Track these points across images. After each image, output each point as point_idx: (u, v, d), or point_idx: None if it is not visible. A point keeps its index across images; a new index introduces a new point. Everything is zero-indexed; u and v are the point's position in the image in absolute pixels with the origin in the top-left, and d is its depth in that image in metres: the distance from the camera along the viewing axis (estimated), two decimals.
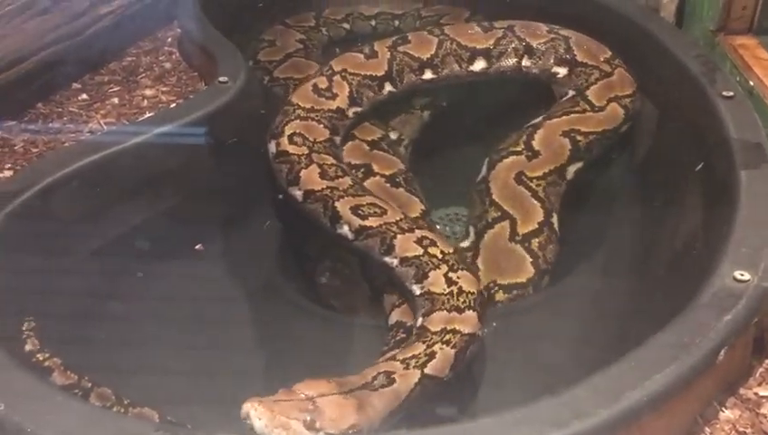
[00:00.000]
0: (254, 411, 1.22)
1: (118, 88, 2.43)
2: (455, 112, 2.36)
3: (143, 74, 2.51)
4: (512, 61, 2.21)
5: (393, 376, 1.39)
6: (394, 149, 2.13)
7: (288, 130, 1.89)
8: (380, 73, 2.08)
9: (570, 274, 1.89)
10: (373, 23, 2.79)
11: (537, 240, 1.86)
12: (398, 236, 1.68)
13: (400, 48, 2.14)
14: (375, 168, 2.01)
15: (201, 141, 1.95)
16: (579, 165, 2.05)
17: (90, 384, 1.49)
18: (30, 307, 1.60)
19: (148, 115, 2.28)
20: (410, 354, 1.45)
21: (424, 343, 1.48)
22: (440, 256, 1.64)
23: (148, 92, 2.42)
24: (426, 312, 1.57)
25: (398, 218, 1.73)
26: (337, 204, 1.75)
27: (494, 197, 1.94)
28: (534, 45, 2.21)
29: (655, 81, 2.22)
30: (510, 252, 1.85)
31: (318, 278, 1.91)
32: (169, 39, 2.69)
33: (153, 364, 1.66)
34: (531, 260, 1.83)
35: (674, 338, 1.37)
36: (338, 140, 1.98)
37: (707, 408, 1.47)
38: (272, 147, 1.91)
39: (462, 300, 1.56)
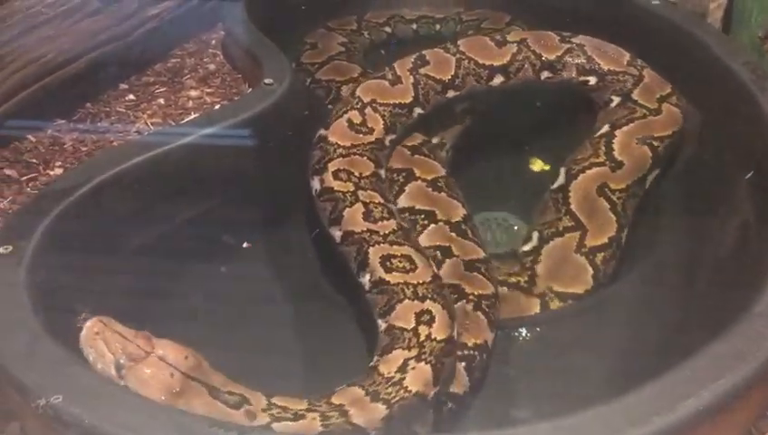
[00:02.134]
0: (90, 323, 1.34)
1: (163, 89, 2.46)
2: (496, 117, 2.35)
3: (188, 76, 2.54)
4: (531, 74, 2.19)
5: (246, 405, 1.31)
6: (435, 154, 2.12)
7: (332, 167, 1.83)
8: (408, 100, 2.05)
9: (616, 281, 1.88)
10: (414, 26, 2.80)
11: (603, 254, 1.85)
12: (405, 301, 1.53)
13: (421, 71, 2.10)
14: (416, 172, 2.00)
15: (248, 142, 1.97)
16: (656, 172, 2.04)
17: None
18: (81, 304, 1.62)
19: (193, 116, 2.30)
20: (286, 405, 1.34)
21: (309, 404, 1.35)
22: (422, 339, 1.45)
23: (193, 93, 2.45)
24: (352, 383, 1.41)
25: (421, 281, 1.57)
26: (370, 250, 1.64)
27: (571, 206, 1.93)
28: (552, 58, 2.19)
29: (702, 88, 2.19)
30: (573, 262, 1.84)
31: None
32: (213, 41, 2.72)
33: None
34: (592, 273, 1.82)
35: (730, 347, 1.35)
36: (382, 173, 1.92)
37: (762, 419, 1.45)
38: (315, 183, 1.84)
39: (389, 391, 1.37)
